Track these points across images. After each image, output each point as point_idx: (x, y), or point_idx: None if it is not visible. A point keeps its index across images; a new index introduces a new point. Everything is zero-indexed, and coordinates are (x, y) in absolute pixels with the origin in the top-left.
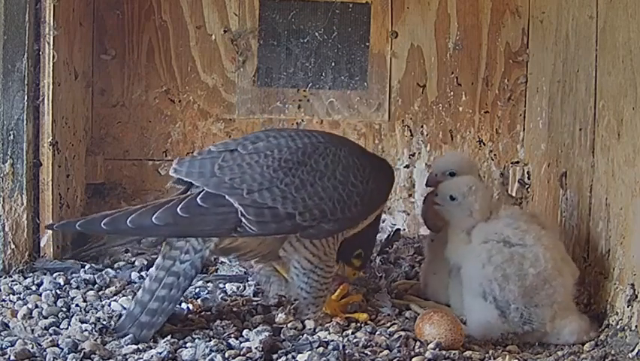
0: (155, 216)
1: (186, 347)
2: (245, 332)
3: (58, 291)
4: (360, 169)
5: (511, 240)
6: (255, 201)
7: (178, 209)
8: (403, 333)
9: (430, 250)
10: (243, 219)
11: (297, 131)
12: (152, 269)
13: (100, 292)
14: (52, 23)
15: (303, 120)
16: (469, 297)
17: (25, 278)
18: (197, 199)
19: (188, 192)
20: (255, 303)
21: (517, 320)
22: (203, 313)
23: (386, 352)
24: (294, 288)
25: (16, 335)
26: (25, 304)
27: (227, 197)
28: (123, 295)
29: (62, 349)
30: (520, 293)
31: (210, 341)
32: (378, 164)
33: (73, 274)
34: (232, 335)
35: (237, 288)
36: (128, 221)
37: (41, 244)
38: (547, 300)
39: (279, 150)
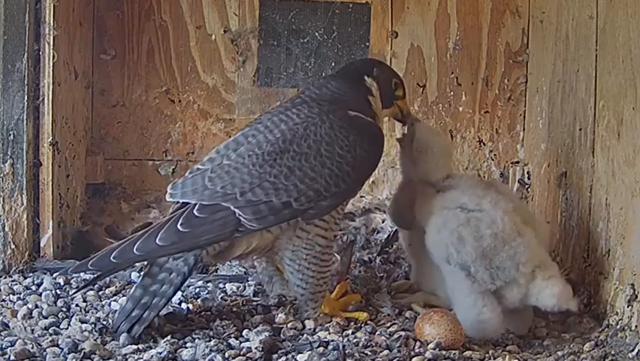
0: (158, 238)
1: (186, 347)
2: (245, 332)
3: (58, 291)
4: (344, 140)
5: (468, 206)
6: (249, 200)
7: (178, 225)
8: (403, 333)
9: (412, 255)
10: (242, 219)
11: (272, 119)
12: (148, 268)
13: (100, 292)
14: (52, 23)
15: None
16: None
17: (25, 278)
18: (194, 211)
19: (184, 207)
20: (255, 303)
21: (486, 278)
22: (203, 313)
23: (386, 352)
24: (291, 285)
25: (16, 335)
26: (25, 304)
27: (222, 203)
28: (123, 295)
29: (62, 349)
30: (477, 255)
31: (210, 341)
32: (363, 128)
33: (74, 274)
34: (232, 335)
35: (237, 288)
36: (135, 249)
37: (41, 244)
38: (509, 261)
39: (259, 146)
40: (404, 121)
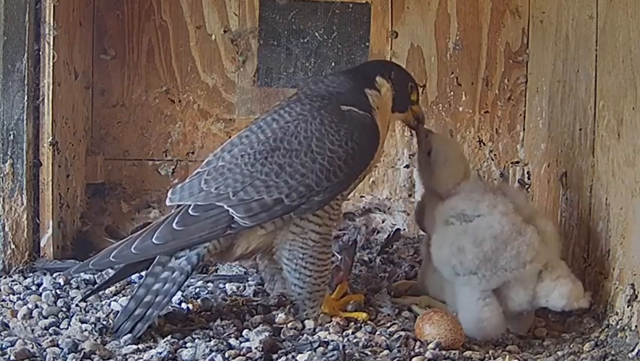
0: (154, 237)
1: (186, 347)
2: (245, 332)
3: (58, 291)
4: (335, 134)
5: (466, 212)
6: (242, 199)
7: (174, 224)
8: (403, 333)
9: (428, 250)
10: (235, 217)
11: (266, 119)
12: (151, 267)
13: (100, 292)
14: (52, 23)
15: None
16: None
17: (25, 278)
18: (189, 210)
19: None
20: (255, 303)
21: (493, 281)
22: (203, 313)
23: (386, 352)
24: (289, 285)
25: (16, 335)
26: (25, 304)
27: (216, 203)
28: (123, 295)
29: (62, 349)
30: (480, 260)
31: (210, 341)
32: (355, 121)
33: (74, 274)
34: (232, 335)
35: (237, 288)
36: (133, 248)
37: (41, 244)
38: (514, 262)
39: (251, 146)
40: (416, 128)
